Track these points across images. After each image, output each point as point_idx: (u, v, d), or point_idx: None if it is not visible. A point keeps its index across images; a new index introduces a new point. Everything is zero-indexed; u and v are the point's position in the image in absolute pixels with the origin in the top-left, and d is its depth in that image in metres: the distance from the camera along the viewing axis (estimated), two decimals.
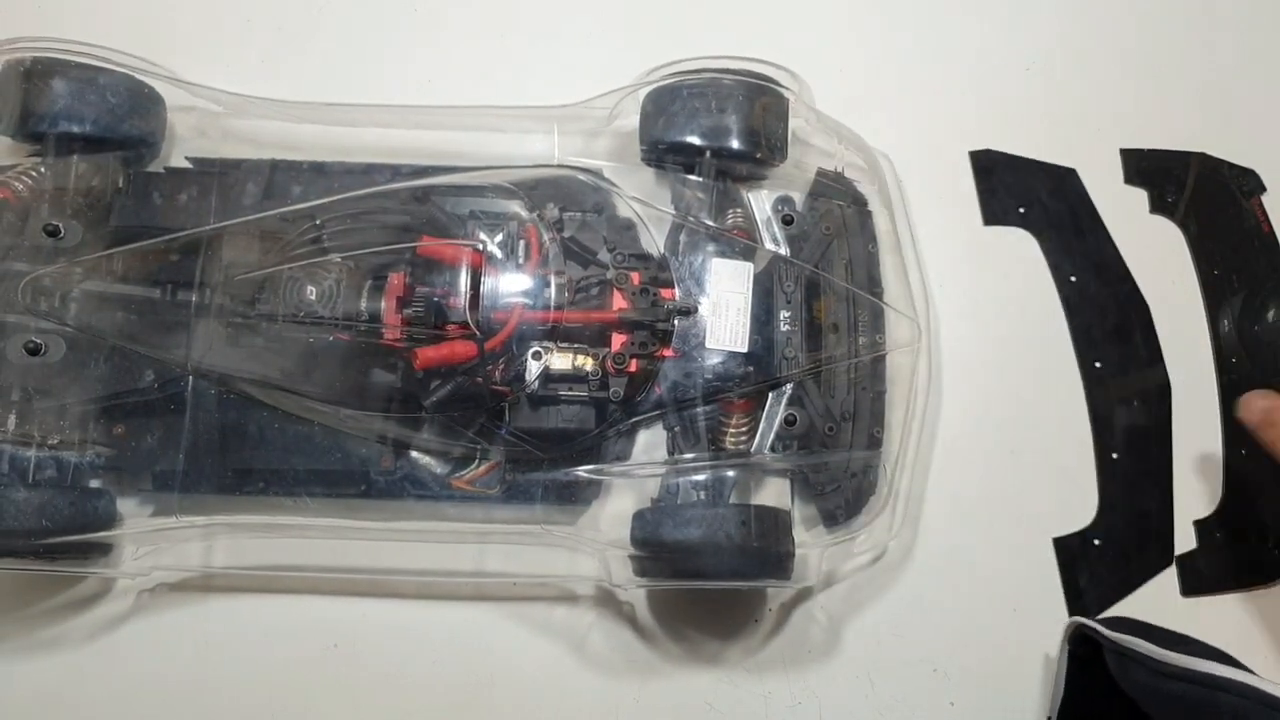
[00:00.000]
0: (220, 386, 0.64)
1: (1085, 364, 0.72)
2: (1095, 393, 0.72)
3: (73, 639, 0.66)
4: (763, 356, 0.65)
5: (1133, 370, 0.72)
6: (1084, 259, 0.74)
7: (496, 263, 0.64)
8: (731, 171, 0.68)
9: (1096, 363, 0.72)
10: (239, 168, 0.67)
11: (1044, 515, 0.70)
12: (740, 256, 0.66)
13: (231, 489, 0.64)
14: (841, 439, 0.65)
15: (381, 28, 0.79)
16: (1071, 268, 0.74)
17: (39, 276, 0.62)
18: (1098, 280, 0.74)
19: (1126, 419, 0.72)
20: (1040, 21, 0.81)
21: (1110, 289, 0.74)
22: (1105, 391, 0.72)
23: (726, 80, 0.67)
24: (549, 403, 0.63)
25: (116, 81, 0.66)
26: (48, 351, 0.62)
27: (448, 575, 0.68)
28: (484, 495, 0.65)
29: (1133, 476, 0.71)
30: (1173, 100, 0.79)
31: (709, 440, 0.65)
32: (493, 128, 0.71)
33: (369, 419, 0.64)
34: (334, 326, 0.62)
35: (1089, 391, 0.72)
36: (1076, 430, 0.72)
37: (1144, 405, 0.72)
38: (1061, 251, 0.74)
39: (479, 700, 0.67)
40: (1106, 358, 0.72)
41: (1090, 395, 0.72)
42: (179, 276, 0.64)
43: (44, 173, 0.65)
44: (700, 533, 0.60)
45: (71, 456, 0.62)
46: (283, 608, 0.68)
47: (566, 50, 0.78)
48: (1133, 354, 0.73)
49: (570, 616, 0.68)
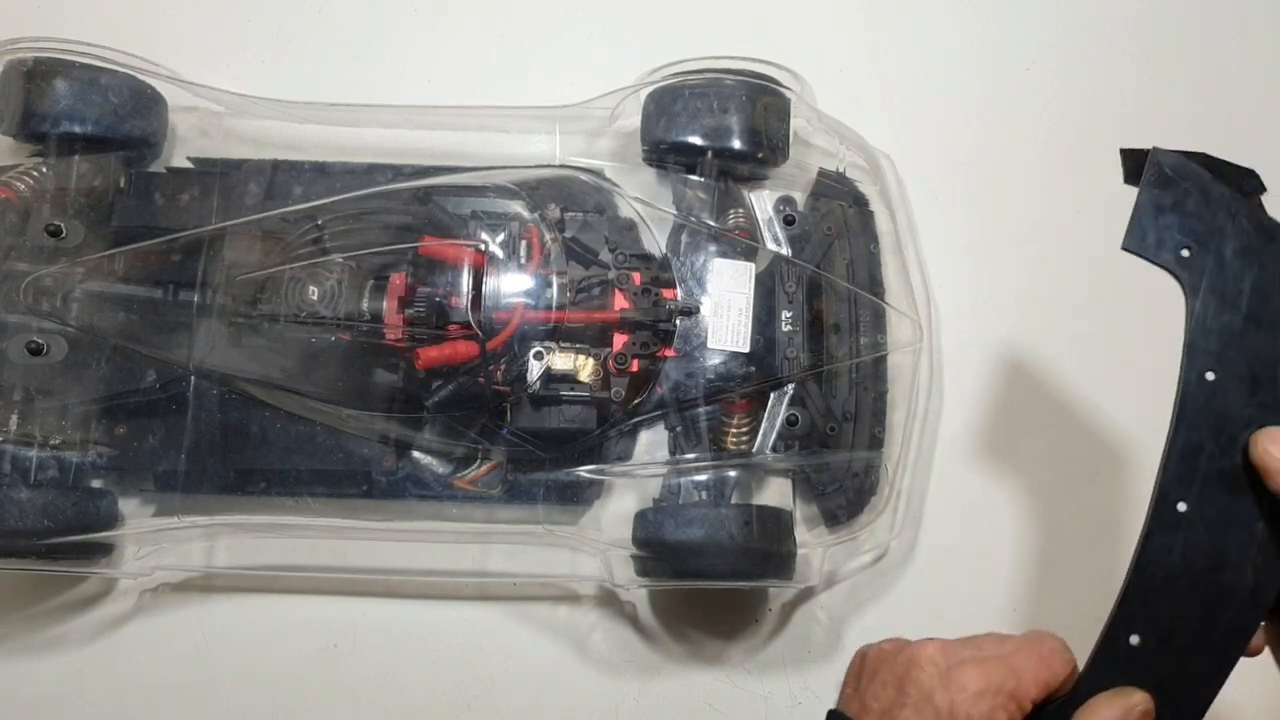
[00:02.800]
0: (222, 387, 0.64)
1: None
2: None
3: (75, 639, 0.67)
4: (764, 356, 0.65)
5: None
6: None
7: (498, 263, 0.64)
8: (733, 172, 0.68)
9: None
10: (240, 168, 0.67)
11: (1044, 514, 0.70)
12: (742, 257, 0.66)
13: (233, 489, 0.64)
14: (843, 439, 0.65)
15: (381, 28, 0.79)
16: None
17: (41, 276, 0.62)
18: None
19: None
20: (1040, 21, 0.81)
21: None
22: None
23: (728, 80, 0.67)
24: (550, 403, 0.63)
25: (118, 82, 0.66)
26: (50, 351, 0.62)
27: (449, 575, 0.68)
28: (486, 495, 0.65)
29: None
30: (1173, 100, 0.79)
31: (711, 440, 0.65)
32: (494, 128, 0.71)
33: (371, 419, 0.64)
34: (336, 327, 0.62)
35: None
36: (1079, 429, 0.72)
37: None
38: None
39: (480, 700, 0.67)
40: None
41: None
42: (181, 277, 0.64)
43: (46, 173, 0.65)
44: (702, 533, 0.60)
45: (73, 457, 0.63)
46: (284, 608, 0.68)
47: (568, 50, 0.78)
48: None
49: (572, 616, 0.68)
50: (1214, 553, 0.44)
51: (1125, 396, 0.72)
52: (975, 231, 0.76)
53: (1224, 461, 0.45)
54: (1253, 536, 0.44)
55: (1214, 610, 0.44)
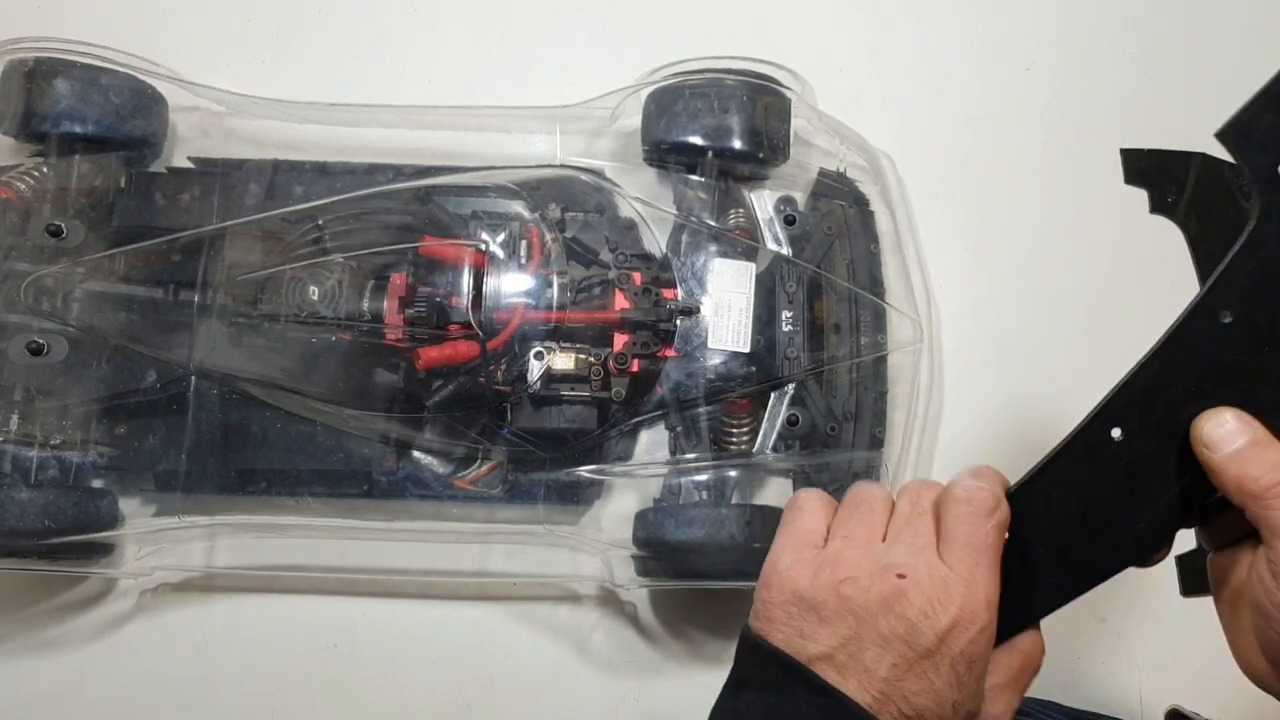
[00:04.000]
0: (223, 386, 0.64)
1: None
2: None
3: (75, 639, 0.67)
4: (765, 356, 0.65)
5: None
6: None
7: (499, 263, 0.64)
8: (733, 171, 0.68)
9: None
10: (241, 168, 0.67)
11: None
12: (742, 257, 0.66)
13: (234, 489, 0.64)
14: (843, 439, 0.65)
15: (381, 28, 0.79)
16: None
17: (41, 276, 0.62)
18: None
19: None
20: (1040, 21, 0.81)
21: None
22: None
23: (729, 80, 0.67)
24: (551, 403, 0.64)
25: (119, 82, 0.66)
26: (50, 351, 0.62)
27: (450, 575, 0.68)
28: (486, 495, 0.65)
29: None
30: (1173, 100, 0.79)
31: (711, 440, 0.65)
32: (495, 128, 0.71)
33: (371, 419, 0.64)
34: (336, 327, 0.62)
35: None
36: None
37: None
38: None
39: (480, 700, 0.67)
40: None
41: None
42: (181, 276, 0.64)
43: (46, 173, 0.65)
44: (703, 533, 0.60)
45: (74, 456, 0.62)
46: (284, 608, 0.68)
47: (568, 50, 0.78)
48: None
49: (572, 616, 0.68)
50: (1123, 489, 0.43)
51: None
52: (975, 231, 0.76)
53: (1186, 409, 0.42)
54: (1167, 491, 0.42)
55: (1093, 539, 0.43)
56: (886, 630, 0.40)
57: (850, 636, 0.41)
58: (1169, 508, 0.42)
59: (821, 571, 0.42)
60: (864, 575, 0.42)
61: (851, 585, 0.41)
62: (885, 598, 0.41)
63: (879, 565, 0.42)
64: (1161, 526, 0.43)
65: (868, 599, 0.41)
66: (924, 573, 0.41)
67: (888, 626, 0.40)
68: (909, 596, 0.41)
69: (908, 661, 0.40)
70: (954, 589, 0.41)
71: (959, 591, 0.41)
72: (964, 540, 0.42)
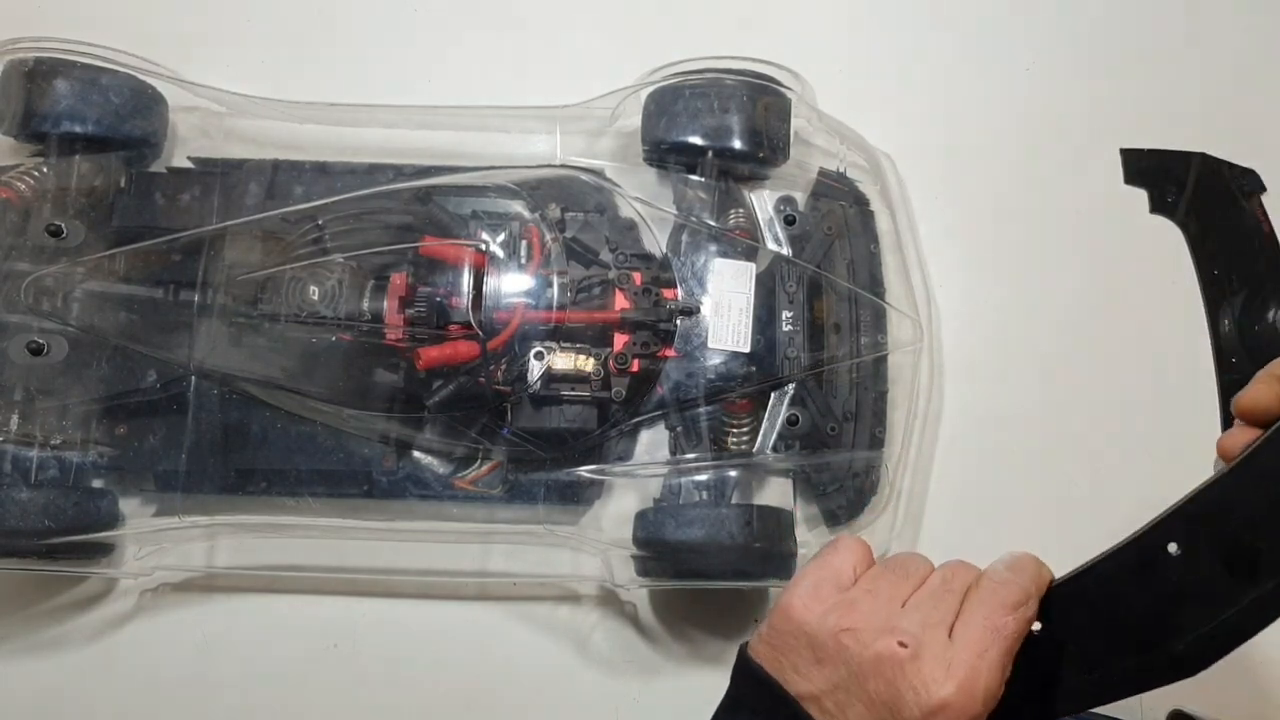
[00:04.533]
0: (223, 386, 0.64)
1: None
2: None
3: (75, 639, 0.66)
4: (765, 356, 0.65)
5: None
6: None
7: (499, 263, 0.64)
8: (733, 171, 0.68)
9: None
10: (241, 168, 0.67)
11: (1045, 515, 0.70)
12: (742, 257, 0.66)
13: (234, 489, 0.64)
14: (844, 439, 0.65)
15: (381, 28, 0.79)
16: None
17: (41, 276, 0.62)
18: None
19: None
20: (1040, 21, 0.81)
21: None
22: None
23: (729, 80, 0.67)
24: (551, 403, 0.63)
25: (119, 81, 0.66)
26: (50, 351, 0.62)
27: (450, 575, 0.68)
28: (486, 495, 0.65)
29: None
30: (1173, 100, 0.79)
31: (711, 440, 0.65)
32: (495, 128, 0.71)
33: (371, 419, 0.64)
34: (336, 327, 0.62)
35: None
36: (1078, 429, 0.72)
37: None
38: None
39: (480, 700, 0.67)
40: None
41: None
42: (181, 276, 0.64)
43: (46, 173, 0.65)
44: (703, 533, 0.60)
45: (74, 456, 0.62)
46: (284, 608, 0.68)
47: (568, 50, 0.78)
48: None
49: (572, 616, 0.68)
50: (1168, 607, 0.41)
51: (1126, 396, 0.72)
52: (975, 231, 0.76)
53: (1249, 536, 0.40)
54: (1213, 617, 0.41)
55: (1127, 651, 0.42)
56: (874, 692, 0.40)
57: (839, 685, 0.41)
58: (1214, 634, 0.41)
59: (831, 613, 0.42)
60: (868, 631, 0.41)
61: (852, 637, 0.41)
62: (879, 659, 0.40)
63: (886, 626, 0.41)
64: (1203, 652, 0.41)
65: (863, 655, 0.41)
66: (926, 648, 0.40)
67: (875, 689, 0.40)
68: (903, 666, 0.40)
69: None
70: (954, 672, 0.40)
71: (958, 675, 0.40)
72: (979, 625, 0.41)
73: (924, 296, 0.68)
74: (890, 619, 0.42)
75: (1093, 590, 0.43)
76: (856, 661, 0.41)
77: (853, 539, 0.46)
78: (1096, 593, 0.43)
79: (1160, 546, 0.42)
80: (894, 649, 0.40)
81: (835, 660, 0.41)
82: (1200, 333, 0.74)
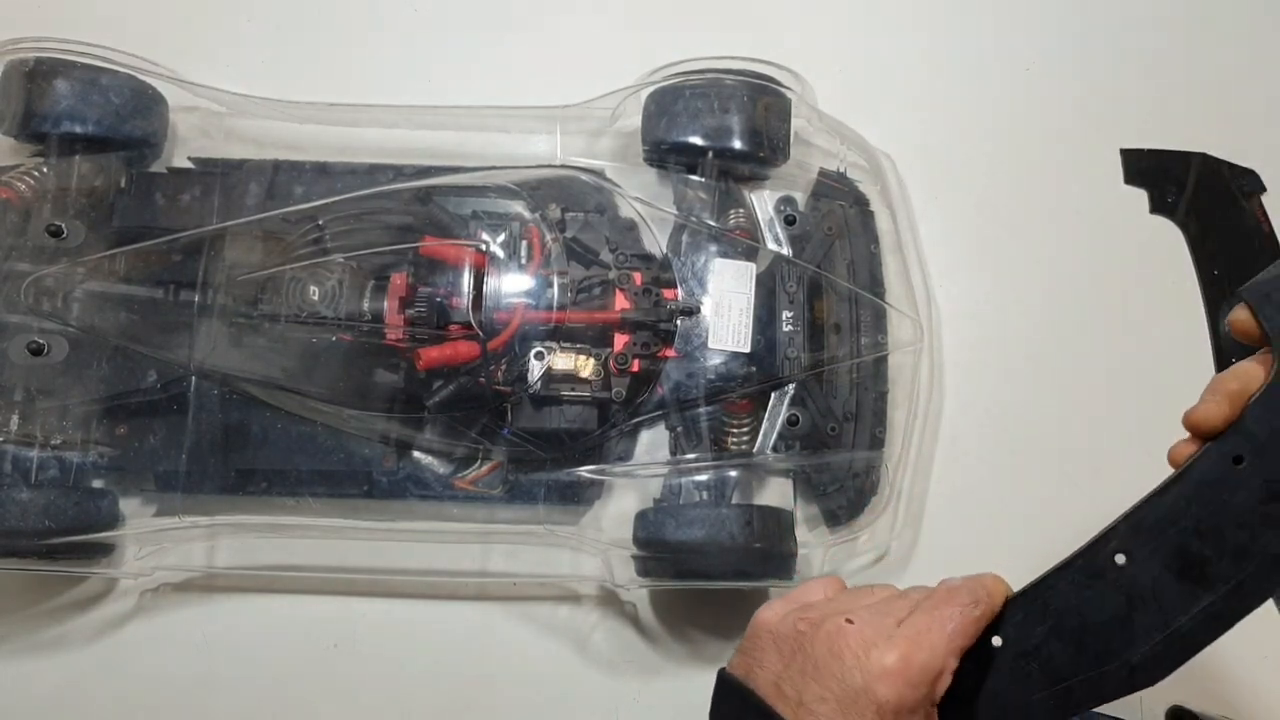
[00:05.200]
0: (223, 387, 0.64)
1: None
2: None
3: (75, 639, 0.66)
4: (765, 357, 0.65)
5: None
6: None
7: (499, 263, 0.64)
8: (734, 172, 0.68)
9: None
10: (241, 168, 0.67)
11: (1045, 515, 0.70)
12: (742, 257, 0.66)
13: (234, 489, 0.64)
14: (844, 439, 0.65)
15: (381, 28, 0.79)
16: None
17: (42, 277, 0.62)
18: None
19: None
20: (1040, 21, 0.81)
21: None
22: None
23: (729, 80, 0.67)
24: (551, 403, 0.64)
25: (119, 82, 0.66)
26: (50, 352, 0.62)
27: (450, 575, 0.68)
28: (486, 495, 0.65)
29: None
30: (1173, 100, 0.79)
31: (711, 440, 0.65)
32: (495, 128, 0.71)
33: (372, 419, 0.64)
34: (336, 327, 0.62)
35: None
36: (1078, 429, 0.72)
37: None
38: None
39: (480, 700, 0.67)
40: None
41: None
42: (182, 277, 0.64)
43: (46, 173, 0.65)
44: (703, 533, 0.60)
45: (74, 457, 0.62)
46: (284, 608, 0.68)
47: (569, 50, 0.78)
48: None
49: (572, 616, 0.68)
50: (1121, 616, 0.42)
51: (1125, 396, 0.72)
52: (975, 231, 0.76)
53: (1194, 544, 0.41)
54: (1166, 623, 0.41)
55: (1086, 661, 0.43)
56: (822, 665, 0.42)
57: (795, 668, 0.43)
58: (1168, 643, 0.42)
59: (793, 613, 0.45)
60: (821, 616, 0.44)
61: (807, 623, 0.44)
62: (829, 635, 0.43)
63: (839, 612, 0.44)
64: (1159, 660, 0.42)
65: (815, 635, 0.43)
66: (872, 624, 0.43)
67: (824, 663, 0.42)
68: (848, 637, 0.42)
69: (838, 701, 0.41)
70: (896, 642, 0.42)
71: (900, 646, 0.42)
72: (925, 612, 0.43)
73: (924, 296, 0.68)
74: (843, 608, 0.44)
75: (1049, 603, 0.44)
76: (809, 640, 0.43)
77: (829, 575, 0.49)
78: (1052, 605, 0.43)
79: (1108, 557, 0.42)
80: (841, 624, 0.43)
81: (794, 647, 0.43)
82: (1200, 333, 0.74)
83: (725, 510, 0.61)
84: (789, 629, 0.44)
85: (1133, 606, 0.42)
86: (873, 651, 0.41)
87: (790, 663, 0.43)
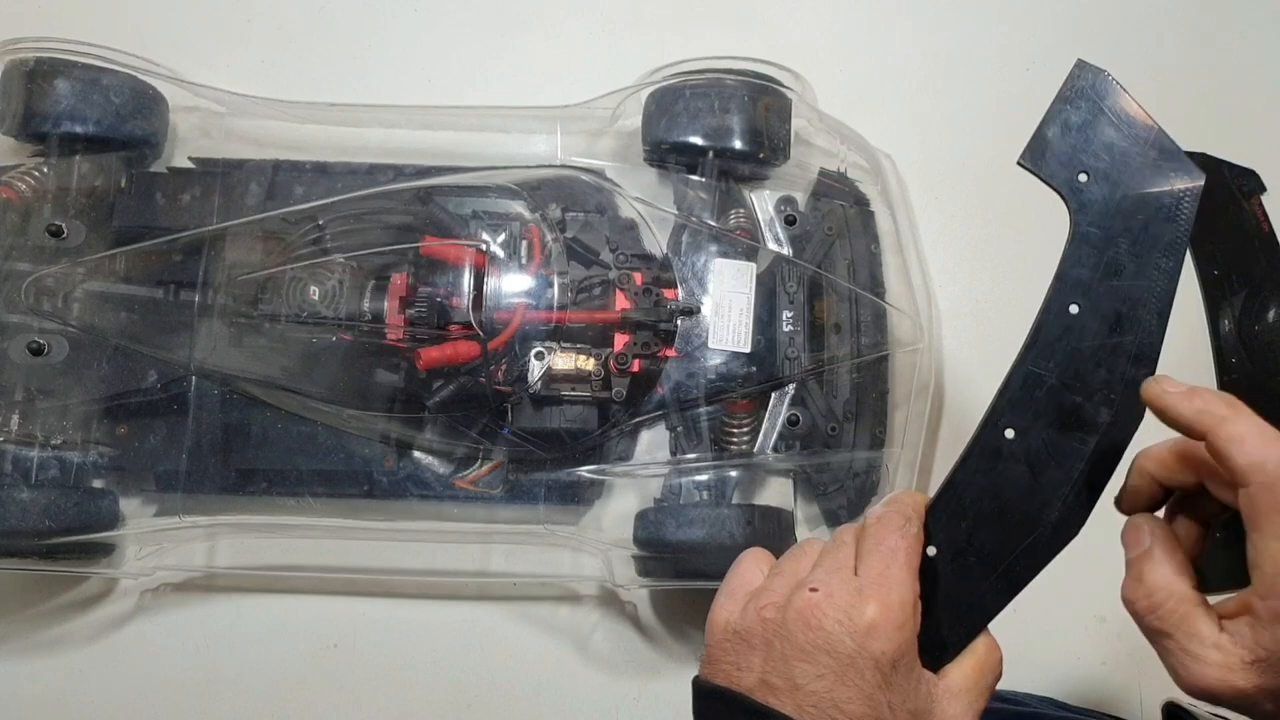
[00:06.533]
0: (223, 387, 0.64)
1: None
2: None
3: (76, 639, 0.67)
4: (765, 357, 0.65)
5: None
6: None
7: (499, 263, 0.64)
8: (734, 172, 0.68)
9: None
10: (242, 168, 0.67)
11: None
12: (743, 257, 0.66)
13: (234, 489, 0.64)
14: (844, 439, 0.65)
15: (382, 28, 0.79)
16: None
17: (42, 276, 0.62)
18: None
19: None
20: (1040, 21, 0.81)
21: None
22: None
23: (729, 81, 0.67)
24: (552, 403, 0.64)
25: (119, 82, 0.66)
26: (51, 352, 0.62)
27: (450, 575, 0.68)
28: (487, 495, 0.65)
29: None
30: (1173, 100, 0.79)
31: (712, 440, 0.65)
32: (496, 128, 0.71)
33: (372, 419, 0.64)
34: (337, 327, 0.62)
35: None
36: None
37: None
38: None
39: (480, 700, 0.67)
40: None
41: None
42: (182, 277, 0.64)
43: (47, 173, 0.65)
44: (703, 533, 0.60)
45: (75, 457, 0.63)
46: (284, 608, 0.68)
47: (569, 50, 0.78)
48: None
49: (572, 616, 0.68)
50: (1028, 483, 0.44)
51: None
52: (975, 231, 0.76)
53: (1063, 396, 0.44)
54: (1069, 475, 0.44)
55: (1013, 536, 0.44)
56: (807, 644, 0.41)
57: (777, 658, 0.42)
58: (1077, 491, 0.44)
59: (749, 605, 0.44)
60: (782, 596, 0.43)
61: (771, 609, 0.43)
62: (801, 613, 0.42)
63: (796, 584, 0.43)
64: (1075, 510, 0.44)
65: (785, 617, 0.42)
66: (837, 585, 0.42)
67: (807, 640, 0.41)
68: (822, 608, 0.42)
69: (835, 672, 0.41)
70: (867, 594, 0.42)
71: (873, 595, 0.42)
72: (873, 551, 0.43)
73: (924, 296, 0.68)
74: (797, 579, 0.44)
75: (963, 498, 0.45)
76: (783, 626, 0.42)
77: (749, 551, 0.49)
78: (967, 499, 0.45)
79: (998, 435, 0.45)
80: (807, 597, 0.42)
81: (766, 638, 0.43)
82: (1200, 333, 0.74)
83: (725, 510, 0.61)
84: (754, 622, 0.43)
85: (1035, 472, 0.44)
86: (851, 612, 0.41)
87: (770, 654, 0.42)
